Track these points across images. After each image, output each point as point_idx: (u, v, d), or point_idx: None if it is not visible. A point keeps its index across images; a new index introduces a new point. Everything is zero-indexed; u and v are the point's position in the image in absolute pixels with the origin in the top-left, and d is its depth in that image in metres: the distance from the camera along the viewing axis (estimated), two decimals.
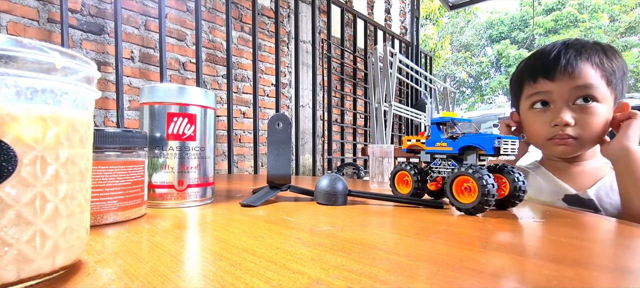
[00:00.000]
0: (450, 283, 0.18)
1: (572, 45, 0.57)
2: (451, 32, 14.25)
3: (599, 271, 0.20)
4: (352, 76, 2.47)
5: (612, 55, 0.56)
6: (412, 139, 0.46)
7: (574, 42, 0.57)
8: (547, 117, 0.58)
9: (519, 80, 0.63)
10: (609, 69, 0.55)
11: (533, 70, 0.59)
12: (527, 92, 0.61)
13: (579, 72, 0.54)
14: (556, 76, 0.56)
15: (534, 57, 0.61)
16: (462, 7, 3.28)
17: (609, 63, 0.55)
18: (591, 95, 0.55)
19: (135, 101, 1.50)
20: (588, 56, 0.55)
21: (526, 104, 0.61)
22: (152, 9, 1.55)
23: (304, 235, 0.28)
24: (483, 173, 0.35)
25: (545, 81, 0.57)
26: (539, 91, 0.58)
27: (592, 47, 0.56)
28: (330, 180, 0.43)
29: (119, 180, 0.32)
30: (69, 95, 0.19)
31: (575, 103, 0.56)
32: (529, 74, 0.60)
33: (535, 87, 0.59)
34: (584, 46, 0.56)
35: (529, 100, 0.60)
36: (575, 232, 0.30)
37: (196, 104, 0.41)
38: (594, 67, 0.55)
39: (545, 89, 0.58)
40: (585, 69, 0.54)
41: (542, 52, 0.60)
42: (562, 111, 0.56)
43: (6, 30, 1.17)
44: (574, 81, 0.55)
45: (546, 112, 0.59)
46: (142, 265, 0.21)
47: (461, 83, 14.93)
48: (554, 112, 0.57)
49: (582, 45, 0.56)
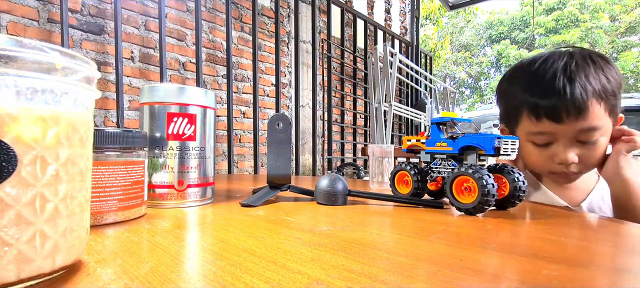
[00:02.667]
0: (450, 283, 0.18)
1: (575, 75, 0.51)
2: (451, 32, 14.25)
3: (599, 271, 0.20)
4: (352, 76, 2.47)
5: (609, 73, 0.52)
6: (412, 139, 0.46)
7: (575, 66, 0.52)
8: (549, 154, 0.55)
9: (516, 108, 0.57)
10: (611, 97, 0.52)
11: (536, 109, 0.53)
12: (527, 127, 0.56)
13: (587, 114, 0.50)
14: (563, 119, 0.51)
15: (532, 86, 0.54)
16: (462, 7, 3.28)
17: (610, 85, 0.52)
18: (595, 136, 0.52)
19: (135, 101, 1.50)
20: (593, 90, 0.51)
21: (524, 135, 0.57)
22: (152, 9, 1.55)
23: (304, 235, 0.28)
24: (483, 173, 0.35)
25: (552, 123, 0.52)
26: (543, 132, 0.54)
27: (595, 72, 0.52)
28: (330, 180, 0.43)
29: (119, 180, 0.32)
30: (69, 95, 0.19)
31: (579, 140, 0.53)
32: (531, 110, 0.54)
33: (537, 126, 0.54)
34: (586, 75, 0.51)
35: (530, 136, 0.56)
36: (575, 232, 0.30)
37: (196, 104, 0.41)
38: (599, 102, 0.51)
39: (550, 130, 0.53)
40: (592, 108, 0.51)
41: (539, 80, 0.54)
42: (567, 151, 0.53)
43: (6, 30, 1.17)
44: (582, 123, 0.51)
45: (548, 149, 0.55)
46: (142, 265, 0.21)
47: (461, 83, 14.94)
48: (557, 150, 0.54)
49: (585, 74, 0.51)
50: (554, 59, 0.54)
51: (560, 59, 0.53)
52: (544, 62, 0.54)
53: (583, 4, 12.05)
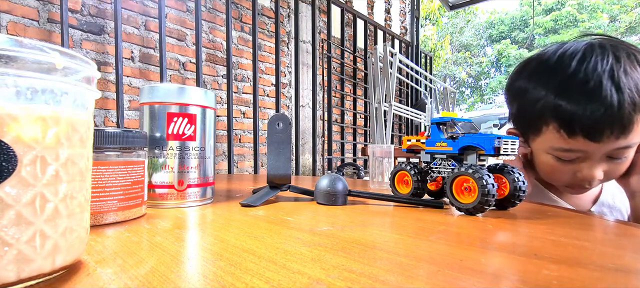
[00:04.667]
0: (450, 283, 0.18)
1: (624, 84, 0.42)
2: (451, 32, 14.26)
3: (599, 271, 0.20)
4: (352, 76, 2.47)
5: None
6: (412, 139, 0.46)
7: (623, 72, 0.42)
8: (571, 169, 0.48)
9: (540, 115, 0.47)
10: None
11: (570, 123, 0.44)
12: (553, 140, 0.47)
13: (630, 132, 0.43)
14: (603, 138, 0.43)
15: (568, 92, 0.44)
16: (462, 7, 3.28)
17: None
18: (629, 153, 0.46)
19: (135, 101, 1.50)
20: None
21: (545, 147, 0.49)
22: (152, 9, 1.55)
23: (304, 235, 0.28)
24: (483, 173, 0.35)
25: (587, 142, 0.44)
26: (572, 149, 0.46)
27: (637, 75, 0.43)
28: (330, 180, 0.43)
29: (119, 180, 0.32)
30: (69, 95, 0.19)
31: (610, 156, 0.46)
32: (562, 124, 0.45)
33: (568, 143, 0.46)
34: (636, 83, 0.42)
35: (554, 151, 0.48)
36: (575, 232, 0.30)
37: (196, 104, 0.41)
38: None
39: (581, 148, 0.45)
40: (637, 124, 0.43)
41: (578, 85, 0.43)
42: (595, 168, 0.46)
43: (6, 30, 1.17)
44: (621, 142, 0.44)
45: (572, 164, 0.48)
46: (142, 265, 0.21)
47: (461, 83, 14.94)
48: (582, 167, 0.47)
49: (634, 82, 0.42)
50: (596, 58, 0.43)
51: (604, 58, 0.43)
52: (582, 62, 0.44)
53: (581, 4, 12.05)
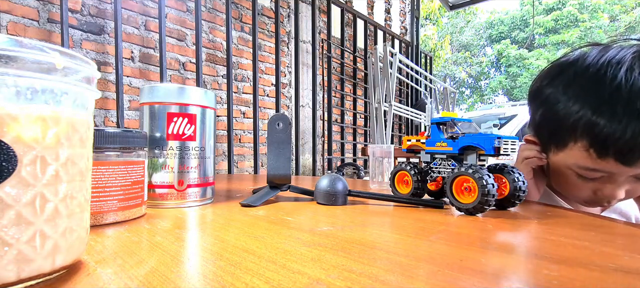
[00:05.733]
0: (450, 283, 0.18)
1: None
2: (451, 32, 14.26)
3: (599, 271, 0.20)
4: (352, 76, 2.47)
5: None
6: (412, 139, 0.46)
7: None
8: (592, 187, 0.47)
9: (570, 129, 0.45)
10: None
11: (603, 143, 0.42)
12: (577, 158, 0.45)
13: None
14: (635, 163, 0.42)
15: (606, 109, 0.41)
16: (462, 7, 3.28)
17: None
18: None
19: (135, 101, 1.50)
20: None
21: (569, 163, 0.47)
22: (152, 9, 1.55)
23: (304, 235, 0.28)
24: (483, 173, 0.35)
25: (618, 164, 0.42)
26: (599, 170, 0.44)
27: None
28: (330, 180, 0.43)
29: (119, 180, 0.32)
30: (69, 95, 0.19)
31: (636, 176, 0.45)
32: (594, 142, 0.43)
33: (596, 163, 0.43)
34: None
35: (580, 169, 0.46)
36: (575, 232, 0.30)
37: (196, 104, 0.41)
38: None
39: (609, 170, 0.43)
40: None
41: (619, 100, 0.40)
42: (618, 189, 0.45)
43: (6, 30, 1.17)
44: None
45: (594, 182, 0.46)
46: (142, 265, 0.21)
47: (461, 83, 14.94)
48: (604, 186, 0.46)
49: None
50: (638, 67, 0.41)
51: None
52: (630, 72, 0.41)
53: (582, 4, 12.05)
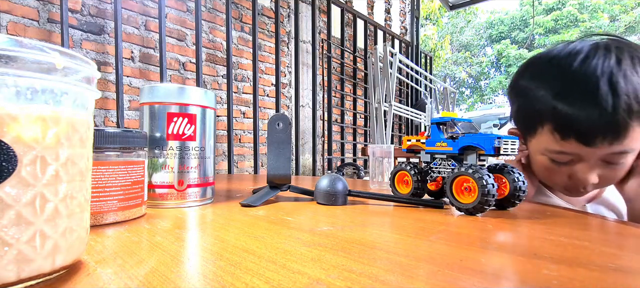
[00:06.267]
0: (450, 283, 0.18)
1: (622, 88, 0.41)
2: (451, 32, 14.26)
3: (599, 271, 0.20)
4: (352, 76, 2.47)
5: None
6: (412, 139, 0.46)
7: (623, 76, 0.42)
8: (566, 171, 0.49)
9: (537, 115, 0.48)
10: None
11: (563, 126, 0.45)
12: (546, 142, 0.48)
13: (625, 138, 0.43)
14: (596, 143, 0.43)
15: (565, 93, 0.44)
16: (462, 7, 3.28)
17: None
18: (625, 158, 0.45)
19: (135, 101, 1.50)
20: (638, 110, 0.42)
21: (540, 149, 0.50)
22: (152, 9, 1.55)
23: (304, 235, 0.28)
24: (483, 173, 0.35)
25: (580, 145, 0.44)
26: (565, 152, 0.46)
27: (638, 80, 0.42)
28: (330, 180, 0.43)
29: (119, 180, 0.32)
30: (69, 95, 0.19)
31: (606, 161, 0.46)
32: (556, 125, 0.45)
33: (561, 146, 0.46)
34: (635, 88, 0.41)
35: (549, 153, 0.48)
36: (575, 232, 0.30)
37: (196, 104, 0.41)
38: (638, 122, 0.42)
39: (574, 151, 0.45)
40: (632, 131, 0.42)
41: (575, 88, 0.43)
42: (588, 172, 0.46)
43: (6, 30, 1.17)
44: (614, 147, 0.43)
45: (567, 166, 0.48)
46: (142, 265, 0.21)
47: (461, 83, 14.94)
48: (576, 170, 0.47)
49: (632, 87, 0.41)
50: (598, 59, 0.43)
51: (605, 60, 0.43)
52: (584, 62, 0.44)
53: (582, 4, 12.05)
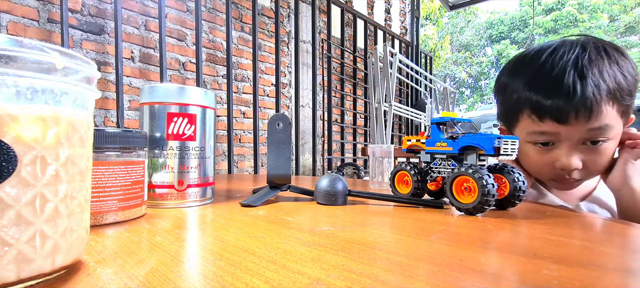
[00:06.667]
0: (450, 283, 0.18)
1: (587, 70, 0.45)
2: (451, 32, 14.26)
3: (599, 271, 0.20)
4: (352, 76, 2.47)
5: (626, 68, 0.47)
6: (412, 139, 0.46)
7: (587, 60, 0.46)
8: (550, 158, 0.51)
9: (516, 105, 0.52)
10: (626, 96, 0.47)
11: (538, 108, 0.48)
12: (527, 126, 0.51)
13: (597, 114, 0.45)
14: (570, 121, 0.46)
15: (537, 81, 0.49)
16: (462, 7, 3.28)
17: (626, 83, 0.46)
18: (604, 137, 0.47)
19: (135, 101, 1.50)
20: (607, 89, 0.45)
21: (524, 136, 0.52)
22: (152, 9, 1.55)
23: (304, 235, 0.28)
24: (483, 173, 0.35)
25: (555, 124, 0.47)
26: (544, 132, 0.49)
27: (609, 68, 0.46)
28: (330, 180, 0.43)
29: (119, 180, 0.32)
30: (69, 95, 0.19)
31: (584, 143, 0.48)
32: (532, 109, 0.49)
33: (539, 126, 0.49)
34: (600, 70, 0.46)
35: (530, 136, 0.51)
36: (575, 232, 0.30)
37: (196, 104, 0.41)
38: (612, 103, 0.46)
39: (552, 130, 0.48)
40: (604, 109, 0.45)
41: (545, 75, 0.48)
42: (570, 155, 0.48)
43: (6, 30, 1.17)
44: (590, 124, 0.46)
45: (550, 151, 0.50)
46: (142, 265, 0.21)
47: (461, 83, 14.94)
48: (559, 154, 0.49)
49: (598, 70, 0.46)
50: (565, 50, 0.48)
51: (572, 50, 0.48)
52: (553, 53, 0.49)
53: (581, 4, 12.06)
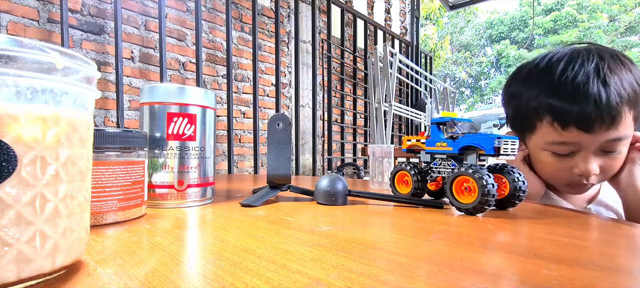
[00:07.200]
0: (450, 283, 0.18)
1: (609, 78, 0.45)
2: (451, 32, 14.26)
3: (599, 271, 0.20)
4: (352, 76, 2.47)
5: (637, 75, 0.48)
6: (412, 139, 0.46)
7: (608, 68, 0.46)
8: (568, 165, 0.50)
9: (534, 113, 0.51)
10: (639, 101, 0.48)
11: (563, 116, 0.47)
12: (548, 135, 0.50)
13: (620, 123, 0.46)
14: (595, 129, 0.46)
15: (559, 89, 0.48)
16: (462, 7, 3.28)
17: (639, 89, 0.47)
18: (623, 145, 0.49)
19: (135, 101, 1.50)
20: (627, 97, 0.46)
21: (541, 144, 0.52)
22: (152, 9, 1.55)
23: (304, 235, 0.28)
24: (483, 173, 0.35)
25: (580, 133, 0.47)
26: (565, 142, 0.49)
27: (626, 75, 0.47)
28: (330, 180, 0.43)
29: (119, 180, 0.32)
30: (69, 95, 0.19)
31: (603, 150, 0.49)
32: (555, 117, 0.48)
33: (562, 135, 0.48)
34: (620, 78, 0.46)
35: (550, 145, 0.51)
36: (575, 232, 0.30)
37: (196, 104, 0.41)
38: (630, 109, 0.47)
39: (574, 140, 0.48)
40: (625, 116, 0.46)
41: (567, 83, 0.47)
42: (590, 162, 0.48)
43: (6, 30, 1.17)
44: (612, 133, 0.47)
45: (568, 159, 0.50)
46: (142, 265, 0.21)
47: (461, 83, 14.94)
48: (578, 161, 0.49)
49: (619, 77, 0.46)
50: (582, 59, 0.48)
51: (589, 59, 0.47)
52: (570, 63, 0.48)
53: (580, 5, 12.05)
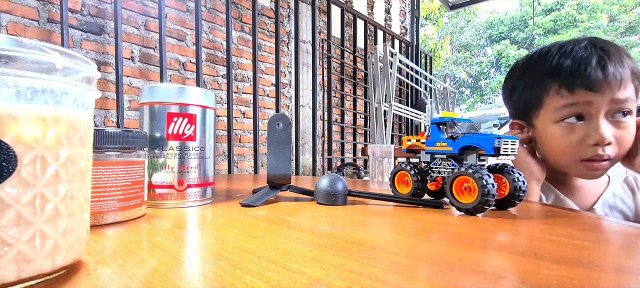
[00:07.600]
0: (450, 283, 0.18)
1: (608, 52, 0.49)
2: (451, 32, 14.26)
3: (599, 271, 0.20)
4: (352, 76, 2.47)
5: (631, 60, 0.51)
6: (412, 139, 0.46)
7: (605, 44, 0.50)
8: (582, 134, 0.50)
9: (540, 88, 0.53)
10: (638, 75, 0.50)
11: (569, 77, 0.49)
12: (556, 102, 0.51)
13: (623, 82, 0.48)
14: (601, 87, 0.48)
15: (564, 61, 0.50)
16: (462, 7, 3.28)
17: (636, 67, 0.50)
18: (628, 109, 0.50)
19: (135, 101, 1.50)
20: (627, 67, 0.49)
21: (551, 116, 0.52)
22: (152, 9, 1.55)
23: (304, 235, 0.28)
24: (483, 173, 0.35)
25: (587, 92, 0.48)
26: (577, 102, 0.49)
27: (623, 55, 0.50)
28: (330, 180, 0.43)
29: (119, 180, 0.32)
30: (69, 95, 0.19)
31: (613, 117, 0.50)
32: (562, 82, 0.50)
33: (571, 98, 0.50)
34: (618, 52, 0.50)
35: (559, 112, 0.51)
36: (575, 232, 0.30)
37: (196, 104, 0.41)
38: (632, 80, 0.49)
39: (585, 100, 0.49)
40: (628, 81, 0.49)
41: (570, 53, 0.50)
42: (603, 127, 0.49)
43: (6, 30, 1.17)
44: (617, 93, 0.48)
45: (581, 127, 0.50)
46: (142, 265, 0.21)
47: (461, 83, 14.94)
48: (591, 127, 0.49)
49: (616, 49, 0.50)
50: (575, 43, 0.51)
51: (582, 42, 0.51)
52: (565, 46, 0.52)
53: (580, 5, 12.05)
